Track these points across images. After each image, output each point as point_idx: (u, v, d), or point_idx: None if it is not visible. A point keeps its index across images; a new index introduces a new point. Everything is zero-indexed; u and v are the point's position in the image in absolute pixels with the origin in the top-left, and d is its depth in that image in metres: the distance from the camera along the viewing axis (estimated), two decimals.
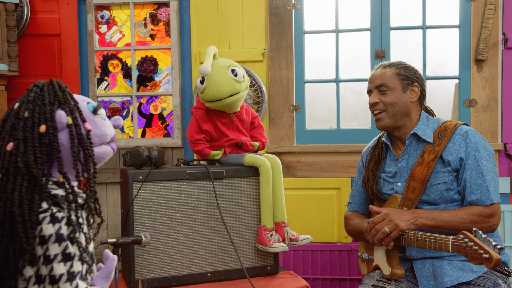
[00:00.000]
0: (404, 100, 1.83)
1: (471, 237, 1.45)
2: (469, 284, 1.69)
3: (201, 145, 2.14)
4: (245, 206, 2.12)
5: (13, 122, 1.16)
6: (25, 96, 1.20)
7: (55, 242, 1.11)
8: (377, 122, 1.86)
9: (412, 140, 1.85)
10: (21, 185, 1.11)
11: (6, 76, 2.64)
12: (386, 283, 1.78)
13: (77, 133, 1.19)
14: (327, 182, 2.76)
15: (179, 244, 2.03)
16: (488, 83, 2.66)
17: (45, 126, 1.15)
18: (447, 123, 1.84)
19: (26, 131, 1.14)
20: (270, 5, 2.79)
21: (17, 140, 1.14)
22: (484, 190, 1.72)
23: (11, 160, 1.13)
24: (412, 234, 1.66)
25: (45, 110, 1.17)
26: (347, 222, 2.03)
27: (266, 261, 2.15)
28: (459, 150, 1.76)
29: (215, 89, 2.05)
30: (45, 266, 1.11)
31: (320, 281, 2.76)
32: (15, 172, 1.12)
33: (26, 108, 1.17)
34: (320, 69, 2.91)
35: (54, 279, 1.11)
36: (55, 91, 1.20)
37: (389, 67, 1.86)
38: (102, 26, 2.94)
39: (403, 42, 2.83)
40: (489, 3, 2.60)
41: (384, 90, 1.83)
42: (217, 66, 2.08)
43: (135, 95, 2.91)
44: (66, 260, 1.12)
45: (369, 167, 1.95)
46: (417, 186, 1.77)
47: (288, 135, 2.81)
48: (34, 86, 1.21)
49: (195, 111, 2.17)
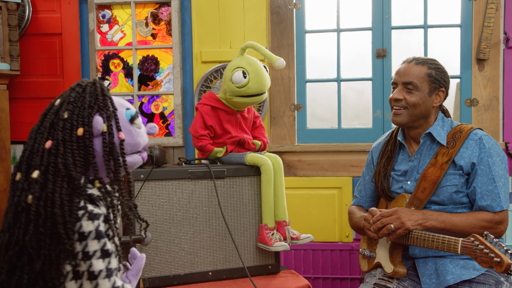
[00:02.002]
0: (427, 104, 1.80)
1: (482, 240, 1.45)
2: (471, 282, 1.69)
3: (205, 140, 2.14)
4: (247, 205, 2.12)
5: (53, 120, 1.17)
6: (67, 94, 1.20)
7: (94, 238, 1.12)
8: (394, 116, 1.83)
9: (426, 140, 1.84)
10: (61, 186, 1.12)
11: (8, 75, 2.64)
12: (388, 282, 1.78)
13: (109, 141, 1.19)
14: (328, 181, 2.76)
15: (180, 243, 2.03)
16: (490, 83, 2.66)
17: (82, 129, 1.16)
18: (461, 125, 1.82)
19: (66, 133, 1.15)
20: (271, 4, 2.79)
21: (56, 140, 1.14)
22: (495, 197, 1.71)
23: (50, 160, 1.13)
24: (419, 234, 1.65)
25: (84, 113, 1.17)
26: (351, 216, 2.02)
27: (268, 260, 2.15)
28: (471, 155, 1.75)
29: (261, 83, 2.11)
30: (84, 262, 1.11)
31: (321, 280, 2.76)
32: (54, 173, 1.12)
33: (67, 109, 1.17)
34: (322, 69, 2.91)
35: (93, 275, 1.11)
36: (97, 94, 1.20)
37: (421, 65, 1.80)
38: (103, 26, 2.94)
39: (405, 41, 2.82)
40: (490, 3, 2.60)
41: (411, 89, 1.79)
42: (254, 62, 2.15)
43: (137, 94, 2.92)
44: (105, 256, 1.13)
45: (381, 162, 1.93)
46: (427, 187, 1.76)
47: (289, 135, 2.81)
48: (77, 86, 1.21)
49: (201, 106, 2.17)
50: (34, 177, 1.12)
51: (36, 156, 1.14)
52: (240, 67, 2.11)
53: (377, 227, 1.71)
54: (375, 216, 1.73)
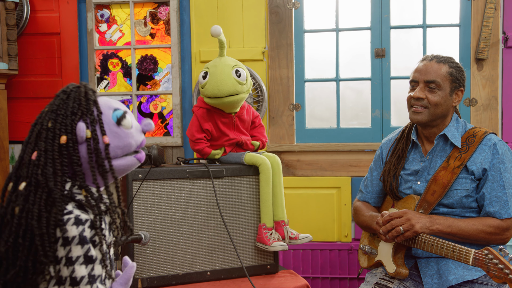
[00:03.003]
0: (448, 103, 1.77)
1: (496, 255, 1.44)
2: (474, 283, 1.69)
3: (202, 144, 2.14)
4: (245, 204, 2.12)
5: (39, 130, 1.16)
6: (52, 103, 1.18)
7: (78, 244, 1.11)
8: (414, 115, 1.77)
9: (440, 141, 1.81)
10: (40, 198, 1.11)
11: (6, 74, 2.63)
12: (389, 282, 1.77)
13: (94, 147, 1.17)
14: (327, 181, 2.76)
15: (178, 243, 2.03)
16: (488, 82, 2.66)
17: (65, 137, 1.14)
18: (475, 129, 1.80)
19: (48, 142, 1.14)
20: (270, 4, 2.79)
21: (39, 151, 1.14)
22: (504, 204, 1.70)
23: (33, 171, 1.13)
24: (428, 239, 1.64)
25: (67, 121, 1.15)
26: (357, 213, 1.98)
27: (266, 260, 2.15)
28: (484, 161, 1.72)
29: (215, 86, 2.04)
30: (67, 267, 1.10)
31: (320, 280, 2.76)
32: (36, 184, 1.12)
33: (50, 118, 1.16)
34: (320, 68, 2.90)
35: (75, 281, 1.10)
36: (80, 100, 1.18)
37: (443, 63, 1.76)
38: (102, 25, 2.94)
39: (404, 41, 2.82)
40: (489, 2, 2.60)
41: (434, 88, 1.74)
42: (222, 64, 2.08)
43: (135, 94, 2.91)
44: (88, 262, 1.12)
45: (391, 161, 1.89)
46: (437, 190, 1.74)
47: (288, 134, 2.81)
48: (62, 92, 1.20)
49: (197, 110, 2.17)
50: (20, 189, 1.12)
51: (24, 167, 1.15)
52: (207, 67, 2.12)
53: (387, 229, 1.69)
54: (384, 217, 1.71)
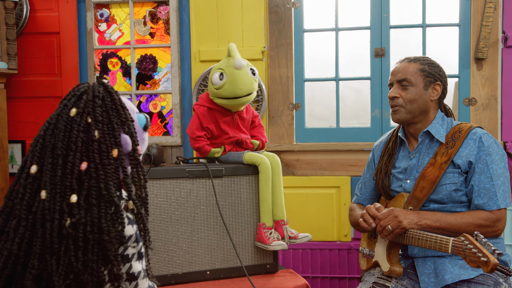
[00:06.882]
0: (424, 98, 1.81)
1: (472, 240, 1.45)
2: (470, 282, 1.69)
3: (202, 142, 2.14)
4: (245, 204, 2.12)
5: (83, 139, 1.12)
6: (91, 108, 1.15)
7: (134, 241, 1.16)
8: (393, 114, 1.85)
9: (425, 138, 1.84)
10: (106, 212, 1.11)
11: (5, 74, 2.63)
12: (386, 281, 1.77)
13: (135, 158, 1.20)
14: (326, 180, 2.76)
15: (178, 242, 2.03)
16: (488, 82, 2.66)
17: (117, 150, 1.15)
18: (461, 125, 1.82)
19: (102, 156, 1.13)
20: (269, 3, 2.79)
21: (93, 163, 1.12)
22: (492, 195, 1.71)
23: (91, 184, 1.11)
24: (414, 233, 1.66)
25: (115, 133, 1.15)
26: (351, 213, 2.04)
27: (266, 259, 2.15)
28: (469, 154, 1.74)
29: (237, 86, 2.07)
30: (123, 264, 1.14)
31: (319, 279, 2.76)
32: (97, 197, 1.11)
33: (96, 128, 1.14)
34: (320, 68, 2.90)
35: (133, 276, 1.15)
36: (118, 109, 1.18)
37: (413, 62, 1.84)
38: (101, 24, 2.94)
39: (403, 40, 2.82)
40: (489, 2, 2.60)
41: (406, 85, 1.81)
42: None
43: (135, 94, 2.91)
44: (140, 258, 1.18)
45: (382, 160, 1.94)
46: (426, 186, 1.76)
47: (287, 134, 2.81)
48: (94, 97, 1.16)
49: (198, 108, 2.17)
50: (72, 201, 1.09)
51: (72, 177, 1.10)
52: (220, 68, 2.12)
53: (378, 231, 1.73)
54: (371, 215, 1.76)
